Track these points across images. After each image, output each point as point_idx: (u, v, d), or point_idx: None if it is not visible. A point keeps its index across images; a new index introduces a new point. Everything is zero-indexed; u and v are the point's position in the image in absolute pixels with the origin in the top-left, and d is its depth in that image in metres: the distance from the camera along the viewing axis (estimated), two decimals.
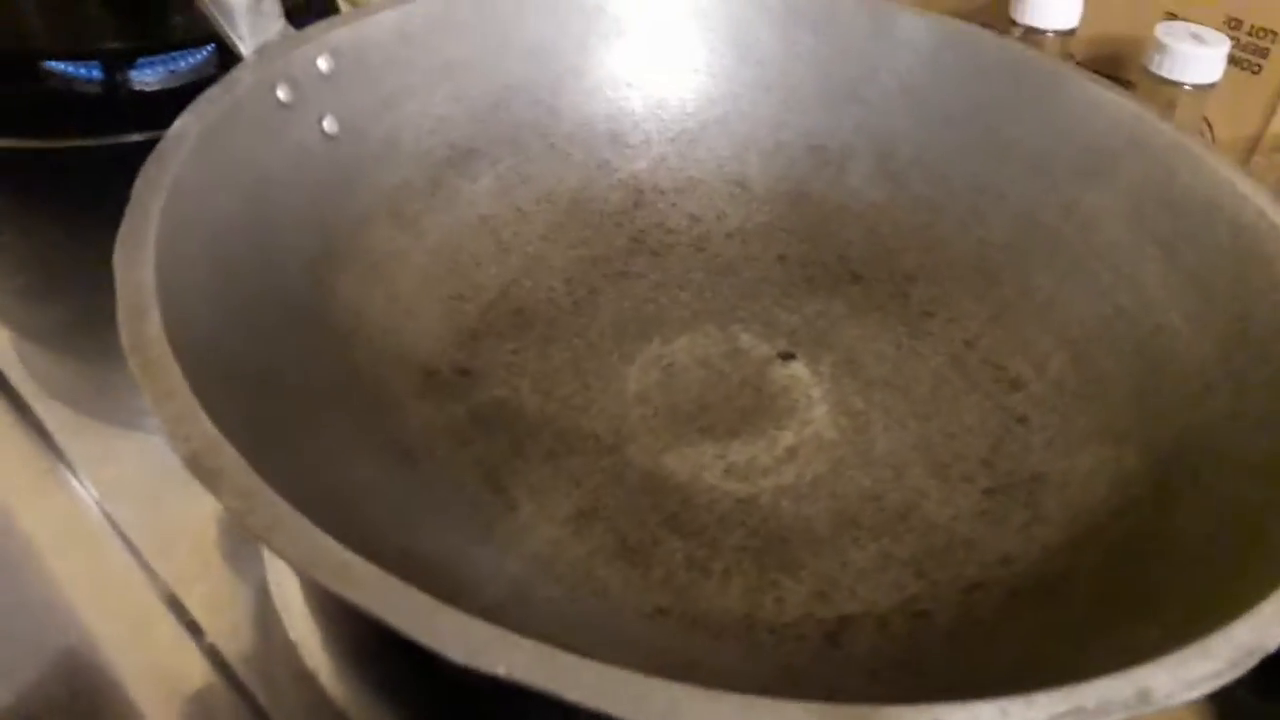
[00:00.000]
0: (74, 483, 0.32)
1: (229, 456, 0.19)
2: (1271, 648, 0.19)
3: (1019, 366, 0.35)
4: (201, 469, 0.19)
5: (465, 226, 0.37)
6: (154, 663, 0.28)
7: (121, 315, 0.22)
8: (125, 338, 0.21)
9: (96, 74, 0.49)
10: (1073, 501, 0.30)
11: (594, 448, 0.31)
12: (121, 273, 0.23)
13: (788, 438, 0.32)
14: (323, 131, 0.33)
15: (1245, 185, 0.32)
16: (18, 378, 0.35)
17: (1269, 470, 0.26)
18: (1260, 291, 0.30)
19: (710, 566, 0.28)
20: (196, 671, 0.28)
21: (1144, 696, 0.18)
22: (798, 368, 0.35)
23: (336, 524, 0.19)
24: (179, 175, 0.26)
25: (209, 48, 0.49)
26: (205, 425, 0.20)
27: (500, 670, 0.17)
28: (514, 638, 0.17)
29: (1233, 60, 0.45)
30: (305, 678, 0.28)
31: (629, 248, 0.39)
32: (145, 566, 0.30)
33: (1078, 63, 0.51)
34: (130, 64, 0.48)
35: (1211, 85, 0.43)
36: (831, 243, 0.39)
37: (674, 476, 0.30)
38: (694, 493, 0.30)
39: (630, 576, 0.27)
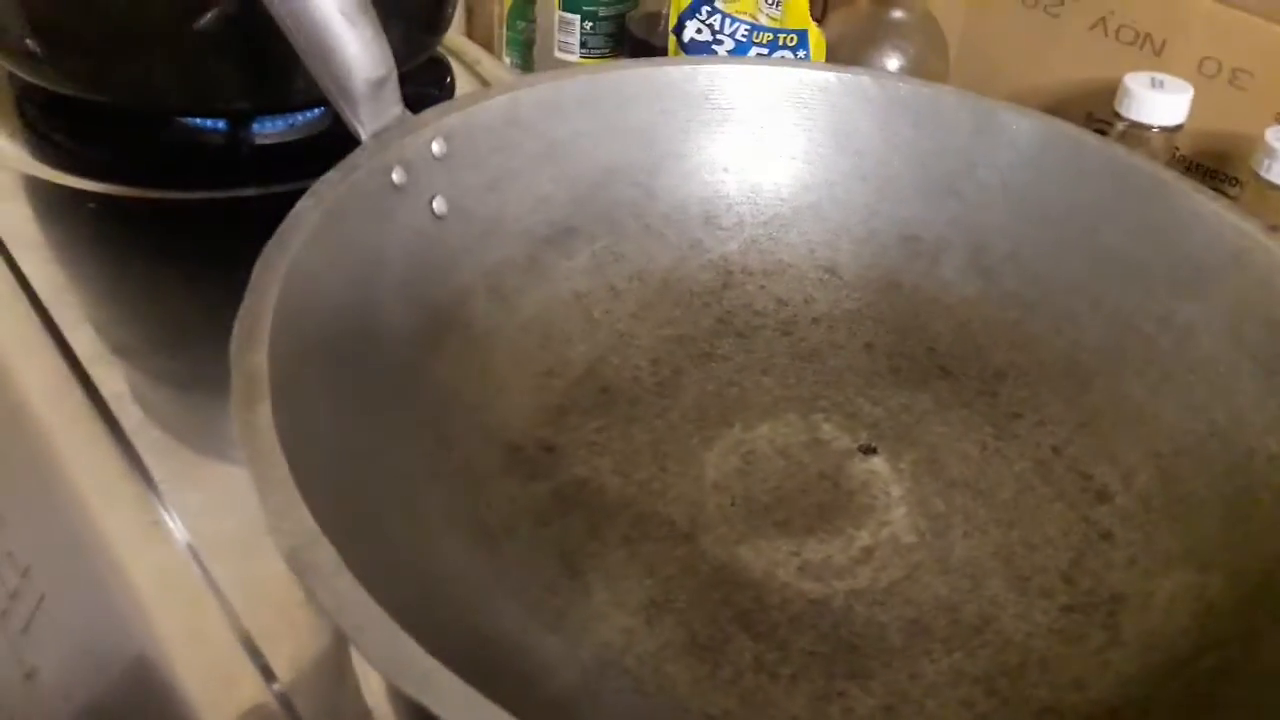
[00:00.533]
0: (176, 537, 0.34)
1: (325, 553, 0.20)
2: None
3: (1106, 477, 0.34)
4: (298, 564, 0.20)
5: (559, 302, 0.38)
6: (235, 715, 0.30)
7: (234, 403, 0.23)
8: (237, 426, 0.23)
9: (221, 128, 0.52)
10: (1152, 628, 0.29)
11: (669, 535, 0.32)
12: (236, 361, 0.24)
13: (864, 537, 0.32)
14: (432, 212, 0.34)
15: None
16: (131, 427, 0.37)
17: None
18: None
19: (779, 670, 0.28)
20: None
21: None
22: (878, 463, 0.35)
23: (421, 606, 0.20)
24: (296, 260, 0.28)
25: (325, 107, 0.52)
26: (306, 520, 0.21)
27: None
28: None
29: None
30: None
31: (715, 328, 0.39)
32: (237, 624, 0.32)
33: (1184, 159, 0.50)
34: (253, 120, 0.51)
35: None
36: (920, 335, 0.39)
37: (747, 571, 0.31)
38: (767, 590, 0.30)
39: (699, 674, 0.28)
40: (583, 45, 0.67)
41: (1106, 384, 0.36)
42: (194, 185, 0.49)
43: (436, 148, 0.34)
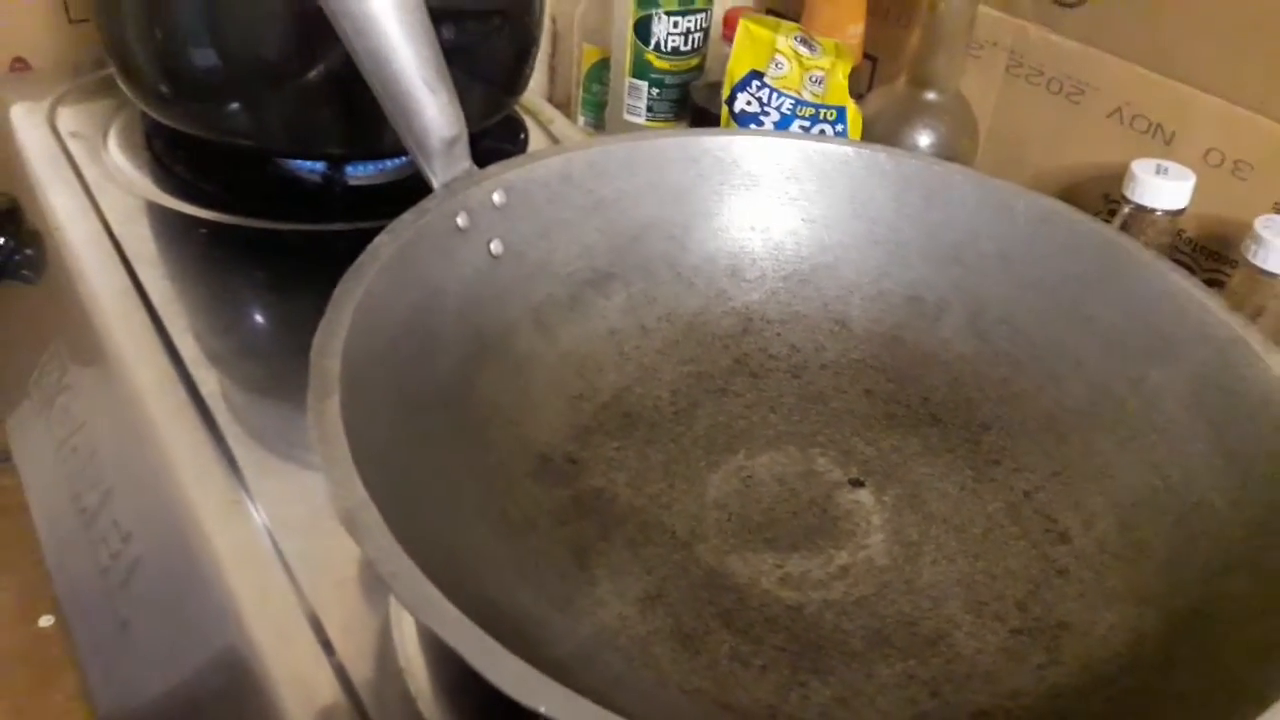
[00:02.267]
0: (253, 513, 0.40)
1: (373, 518, 0.26)
2: None
3: (1069, 522, 0.38)
4: (351, 524, 0.26)
5: (595, 336, 0.43)
6: (292, 668, 0.35)
7: (311, 394, 0.29)
8: (310, 414, 0.28)
9: (319, 169, 0.58)
10: (1089, 652, 0.33)
11: (669, 541, 0.36)
12: (315, 362, 0.30)
13: (843, 557, 0.37)
14: (490, 253, 0.40)
15: None
16: (223, 420, 0.43)
17: (1265, 655, 0.29)
18: None
19: (750, 661, 0.32)
20: (325, 681, 0.35)
21: None
22: (864, 495, 0.39)
23: (448, 575, 0.25)
24: (370, 285, 0.33)
25: (409, 156, 0.58)
26: (360, 491, 0.26)
27: (541, 708, 0.22)
28: (556, 685, 0.22)
29: None
30: (408, 699, 0.34)
31: (732, 368, 0.44)
32: (298, 589, 0.37)
33: (1190, 240, 0.54)
34: (346, 164, 0.58)
35: None
36: (917, 385, 0.44)
37: (734, 577, 0.35)
38: (749, 594, 0.35)
39: (680, 657, 0.32)
40: (649, 110, 0.73)
41: (1080, 439, 0.40)
42: (292, 218, 0.55)
43: (497, 198, 0.40)
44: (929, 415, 0.43)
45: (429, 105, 0.39)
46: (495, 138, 0.63)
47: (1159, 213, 0.50)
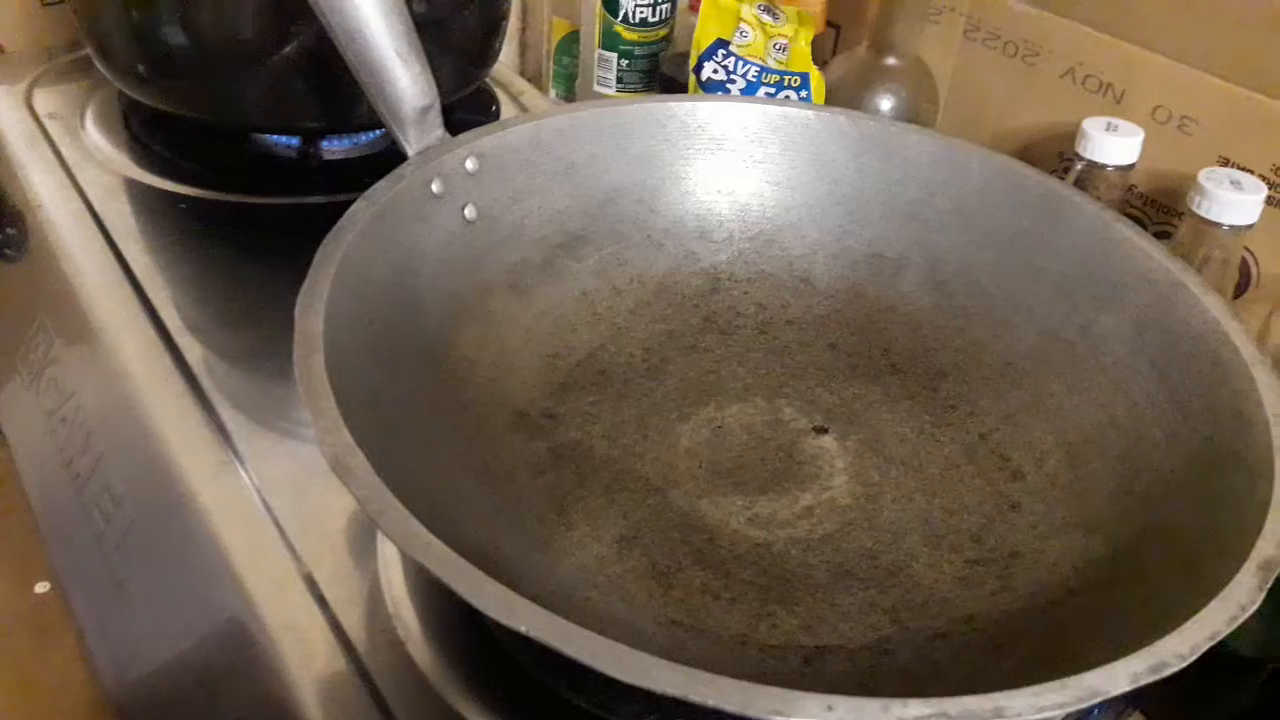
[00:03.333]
0: (242, 474, 0.41)
1: (359, 461, 0.27)
2: (1112, 692, 0.24)
3: (1022, 460, 0.40)
4: (340, 467, 0.27)
5: (568, 298, 0.45)
6: (286, 619, 0.37)
7: (296, 352, 0.30)
8: (297, 369, 0.30)
9: (295, 144, 0.59)
10: (1039, 578, 0.35)
11: (643, 488, 0.38)
12: (299, 321, 0.31)
13: (807, 498, 0.39)
14: (464, 218, 0.42)
15: (1228, 324, 0.36)
16: (209, 386, 0.45)
17: (1196, 572, 0.31)
18: (1223, 417, 0.35)
19: (721, 594, 0.34)
20: (319, 632, 0.36)
21: (999, 712, 0.24)
22: (828, 441, 0.41)
23: (430, 519, 0.27)
24: (349, 249, 0.35)
25: (385, 129, 0.59)
26: (346, 437, 0.28)
27: (522, 628, 0.24)
28: (534, 607, 0.24)
29: (1277, 204, 0.49)
30: (398, 644, 0.35)
31: (702, 326, 0.46)
32: (289, 544, 0.39)
33: (1141, 195, 0.56)
34: (322, 138, 0.59)
35: (1248, 227, 0.47)
36: (878, 338, 0.46)
37: (705, 519, 0.37)
38: (719, 534, 0.37)
39: (654, 592, 0.34)
40: (619, 80, 0.74)
41: (1032, 383, 0.42)
42: (269, 192, 0.57)
43: (470, 165, 0.42)
44: (889, 365, 0.45)
45: (402, 76, 0.40)
46: (467, 110, 0.64)
47: (1110, 168, 0.52)
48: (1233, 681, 0.42)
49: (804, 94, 0.60)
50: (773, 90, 0.60)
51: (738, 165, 0.48)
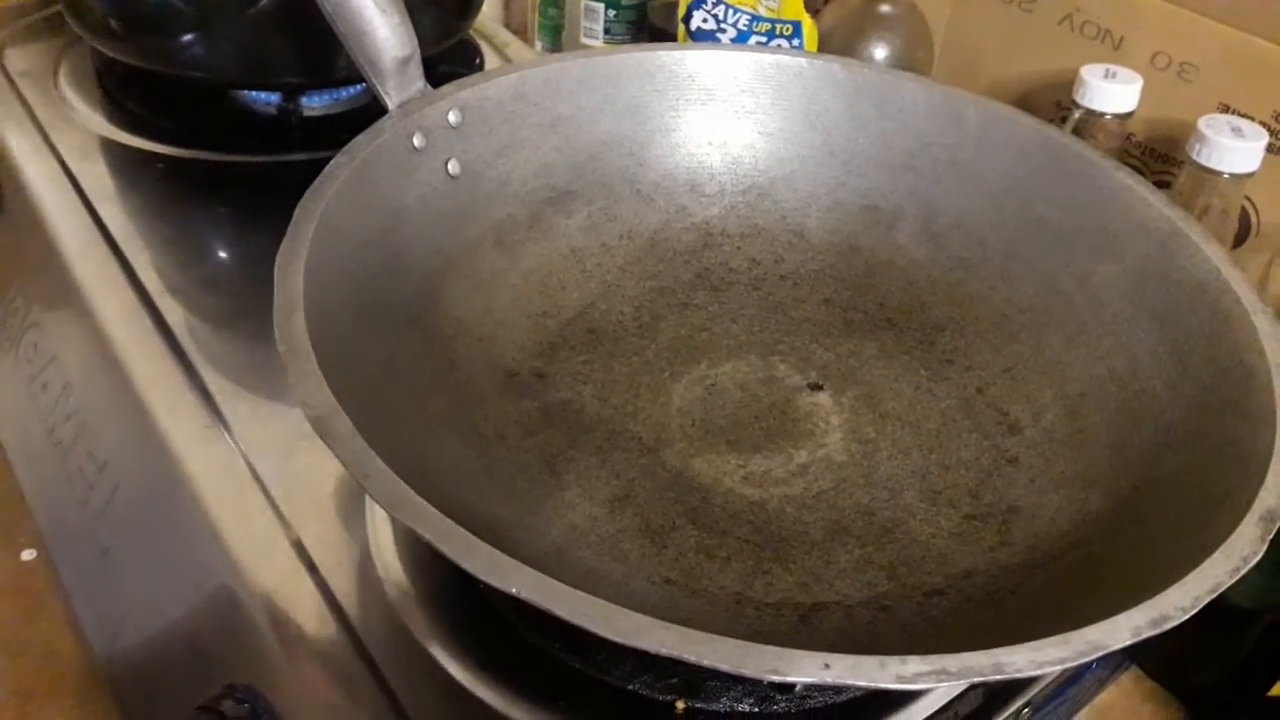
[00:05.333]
0: (227, 438, 0.40)
1: (343, 423, 0.26)
2: (1113, 646, 0.24)
3: (1019, 414, 0.39)
4: (323, 430, 0.26)
5: (557, 255, 0.44)
6: (274, 583, 0.36)
7: (276, 312, 0.29)
8: (277, 329, 0.29)
9: (274, 100, 0.58)
10: (1038, 532, 0.34)
11: (636, 447, 0.37)
12: (279, 279, 0.30)
13: (802, 456, 0.38)
14: (447, 173, 0.40)
15: (1229, 272, 0.36)
16: (191, 349, 0.44)
17: (1195, 526, 0.30)
18: (1225, 368, 0.34)
19: (715, 552, 0.34)
20: (307, 596, 0.36)
21: (999, 668, 0.23)
22: (823, 398, 0.41)
23: (420, 481, 0.26)
24: (329, 206, 0.34)
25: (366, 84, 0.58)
26: (328, 399, 0.27)
27: (512, 589, 0.23)
28: (524, 568, 0.24)
29: (1277, 151, 0.49)
30: (388, 607, 0.35)
31: (693, 282, 0.45)
32: (275, 508, 0.38)
33: (1139, 143, 0.55)
34: (302, 94, 0.58)
35: (1249, 174, 0.46)
36: (873, 292, 0.45)
37: (699, 478, 0.37)
38: (713, 493, 0.36)
39: (648, 551, 0.34)
40: (606, 32, 0.73)
41: (1030, 336, 0.41)
42: (249, 150, 0.55)
43: (453, 117, 0.40)
44: (885, 320, 0.44)
45: (381, 25, 0.39)
46: (451, 63, 0.63)
47: (1108, 116, 0.51)
48: (1230, 633, 0.41)
49: (796, 42, 0.59)
50: (764, 39, 0.59)
51: (729, 116, 0.47)
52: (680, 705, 0.32)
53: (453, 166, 0.41)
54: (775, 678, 0.22)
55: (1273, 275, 0.51)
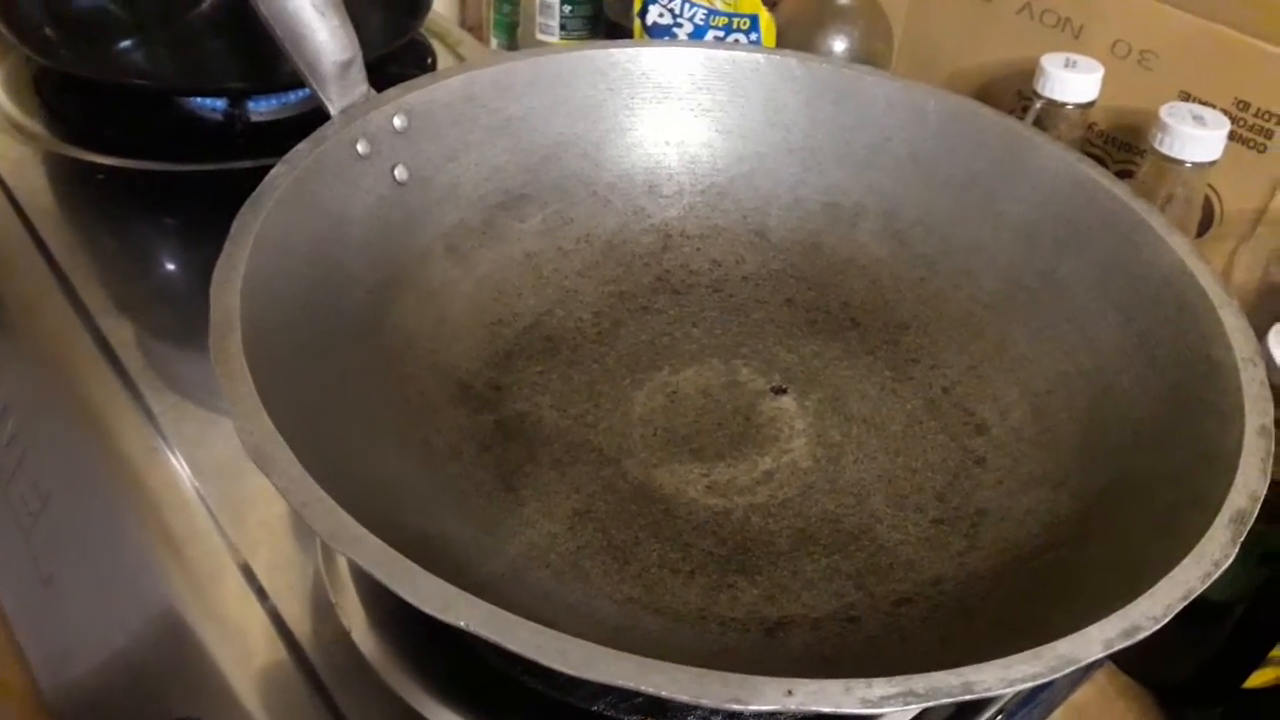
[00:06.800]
0: (173, 460, 0.39)
1: (281, 450, 0.25)
2: (1084, 660, 0.23)
3: (986, 413, 0.39)
4: (259, 457, 0.25)
5: (511, 261, 0.43)
6: (223, 610, 0.35)
7: (211, 334, 0.28)
8: (212, 351, 0.28)
9: (220, 106, 0.56)
10: (1006, 535, 0.34)
11: (596, 459, 0.36)
12: (214, 297, 0.29)
13: (767, 463, 0.37)
14: (394, 179, 0.39)
15: (1194, 265, 0.35)
16: (135, 368, 0.42)
17: (1168, 525, 0.30)
18: (1192, 363, 0.33)
19: (679, 567, 0.33)
20: (258, 623, 0.35)
21: (968, 688, 0.22)
22: (787, 401, 0.40)
23: (367, 508, 0.25)
24: (268, 218, 0.32)
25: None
26: (266, 424, 0.26)
27: (461, 623, 0.22)
28: (474, 600, 0.22)
29: (1239, 139, 0.48)
30: (342, 634, 0.34)
31: (654, 286, 0.44)
32: (223, 533, 0.37)
33: (1101, 132, 0.54)
34: (247, 99, 0.56)
35: (1211, 163, 0.46)
36: (836, 291, 0.44)
37: (661, 489, 0.36)
38: (676, 504, 0.35)
39: (610, 569, 0.32)
40: (562, 28, 0.72)
41: (995, 333, 0.41)
42: (194, 159, 0.54)
43: (398, 122, 0.39)
44: (849, 319, 0.43)
45: (319, 29, 0.37)
46: (401, 63, 0.61)
47: (1070, 106, 0.50)
48: (1203, 626, 0.41)
49: (754, 36, 0.58)
50: (721, 33, 0.58)
51: (685, 114, 0.46)
52: None
53: (399, 173, 0.39)
54: (736, 707, 0.21)
55: (1237, 264, 0.51)
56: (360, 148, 0.38)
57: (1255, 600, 0.38)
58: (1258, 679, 0.41)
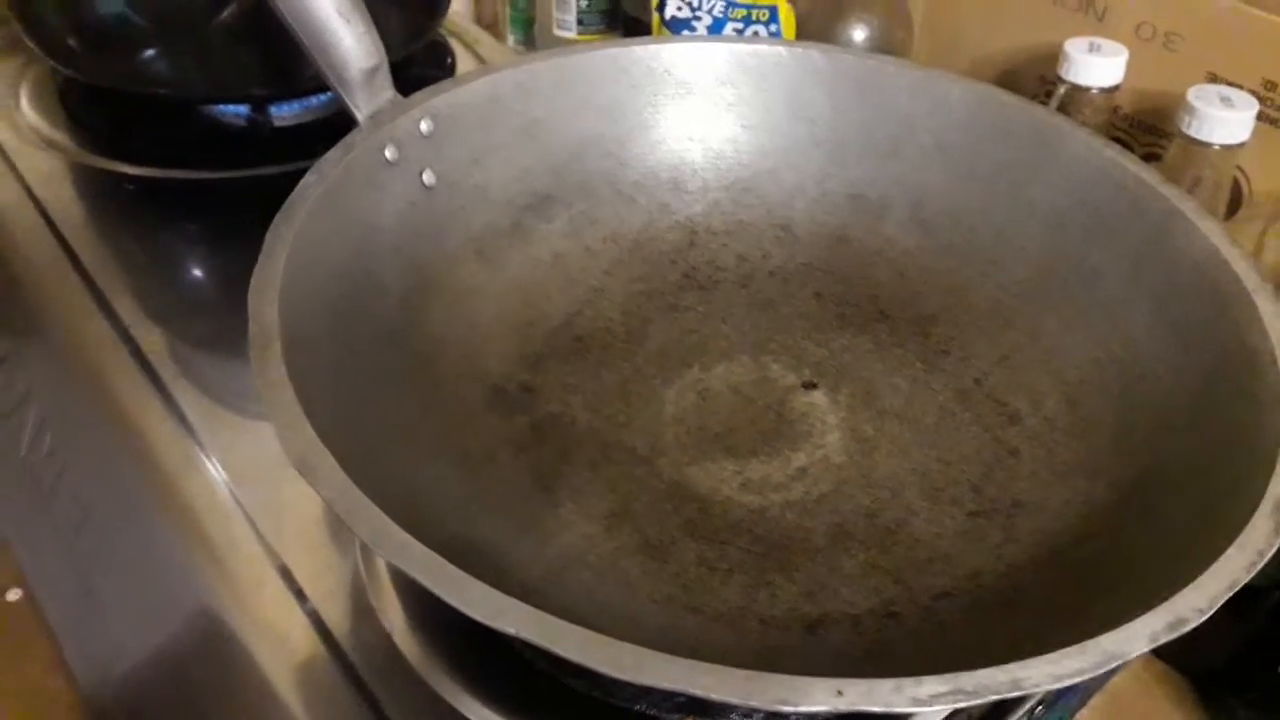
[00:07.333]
0: (211, 469, 0.39)
1: (325, 460, 0.26)
2: (1131, 654, 0.23)
3: (1018, 404, 0.38)
4: (304, 467, 0.25)
5: (539, 263, 0.43)
6: (265, 616, 0.35)
7: (251, 345, 0.28)
8: (254, 362, 0.28)
9: (244, 112, 0.57)
10: (1044, 527, 0.34)
11: (630, 459, 0.37)
12: (253, 309, 0.29)
13: (800, 459, 0.37)
14: (422, 184, 0.39)
15: (1228, 251, 0.35)
16: (169, 376, 0.43)
17: (1205, 515, 0.30)
18: (1228, 350, 0.33)
19: (717, 566, 0.33)
20: (299, 627, 0.35)
21: (1016, 684, 0.22)
22: (818, 396, 0.40)
23: (408, 513, 0.25)
24: (301, 228, 0.33)
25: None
26: (309, 434, 0.26)
27: (511, 630, 0.22)
28: (523, 606, 0.23)
29: (1267, 119, 0.48)
30: (384, 637, 0.34)
31: (681, 283, 0.44)
32: (263, 539, 0.37)
33: (1126, 116, 0.54)
34: (270, 105, 0.56)
35: (1240, 145, 0.45)
36: (864, 284, 0.44)
37: (696, 488, 0.36)
38: (711, 502, 0.35)
39: (649, 568, 0.33)
40: (579, 23, 0.72)
41: (1026, 323, 0.40)
42: (220, 165, 0.54)
43: (425, 126, 0.39)
44: (878, 312, 0.43)
45: (345, 36, 0.37)
46: (421, 65, 0.61)
47: (1094, 90, 0.50)
48: (1239, 612, 0.41)
49: (773, 28, 0.58)
50: (740, 26, 0.58)
51: (709, 110, 0.46)
52: None
53: (427, 177, 0.39)
54: (786, 709, 0.22)
55: (1266, 246, 0.50)
56: (389, 153, 0.38)
57: None
58: None
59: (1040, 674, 0.22)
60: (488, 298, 0.40)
